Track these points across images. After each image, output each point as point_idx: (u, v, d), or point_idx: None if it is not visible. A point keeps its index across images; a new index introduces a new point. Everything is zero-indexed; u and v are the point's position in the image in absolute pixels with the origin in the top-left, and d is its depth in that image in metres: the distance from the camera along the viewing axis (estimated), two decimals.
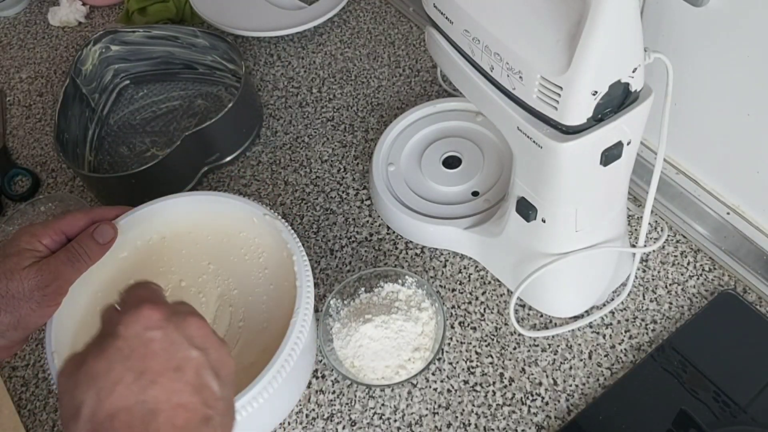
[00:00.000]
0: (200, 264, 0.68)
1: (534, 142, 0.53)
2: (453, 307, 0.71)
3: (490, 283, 0.72)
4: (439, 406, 0.65)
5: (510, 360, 0.67)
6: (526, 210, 0.60)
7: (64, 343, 0.57)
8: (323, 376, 0.67)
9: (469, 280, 0.72)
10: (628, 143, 0.54)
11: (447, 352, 0.68)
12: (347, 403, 0.66)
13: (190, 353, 0.42)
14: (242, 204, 0.63)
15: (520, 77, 0.50)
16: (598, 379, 0.65)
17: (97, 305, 0.63)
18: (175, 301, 0.45)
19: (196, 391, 0.41)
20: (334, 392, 0.67)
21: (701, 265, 0.71)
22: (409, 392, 0.66)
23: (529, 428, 0.63)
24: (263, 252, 0.65)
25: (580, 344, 0.67)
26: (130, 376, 0.40)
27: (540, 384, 0.65)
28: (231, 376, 0.45)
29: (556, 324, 0.69)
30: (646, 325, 0.68)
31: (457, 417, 0.64)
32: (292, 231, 0.61)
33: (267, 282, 0.67)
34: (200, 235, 0.67)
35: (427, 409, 0.65)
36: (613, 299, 0.69)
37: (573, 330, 0.68)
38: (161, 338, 0.41)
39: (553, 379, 0.66)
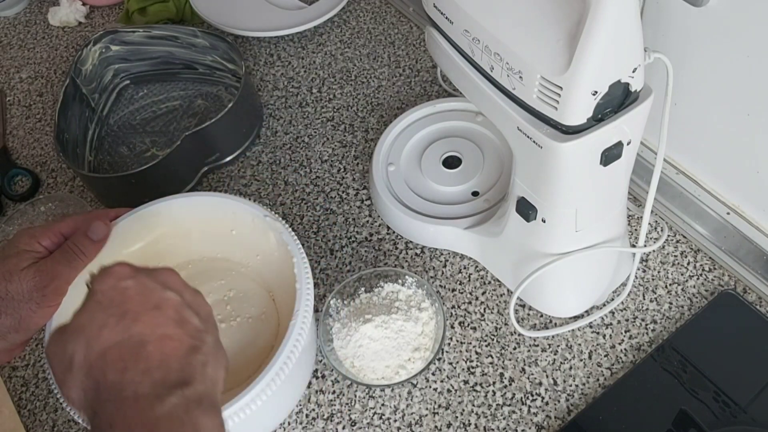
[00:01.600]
0: (200, 264, 0.68)
1: (534, 142, 0.53)
2: (453, 307, 0.71)
3: (490, 283, 0.72)
4: (439, 406, 0.65)
5: (510, 360, 0.67)
6: (526, 210, 0.60)
7: None
8: (323, 376, 0.67)
9: (469, 280, 0.72)
10: (628, 143, 0.54)
11: (447, 352, 0.68)
12: (347, 403, 0.66)
13: (166, 294, 0.44)
14: (243, 205, 0.63)
15: (520, 77, 0.50)
16: (598, 379, 0.65)
17: None
18: None
19: (179, 325, 0.43)
20: (334, 392, 0.67)
21: (701, 265, 0.71)
22: (409, 392, 0.66)
23: (529, 428, 0.63)
24: (263, 253, 0.65)
25: (580, 344, 0.67)
26: (113, 320, 0.42)
27: (540, 384, 0.65)
28: (211, 317, 0.47)
29: (556, 324, 0.69)
30: (646, 325, 0.68)
31: (457, 417, 0.64)
32: (293, 233, 0.61)
33: (267, 283, 0.67)
34: (200, 236, 0.67)
35: (427, 409, 0.65)
36: (613, 299, 0.69)
37: (573, 330, 0.68)
38: (135, 285, 0.44)
39: (553, 379, 0.66)
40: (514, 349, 0.68)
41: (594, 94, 0.48)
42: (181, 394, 0.41)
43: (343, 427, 0.65)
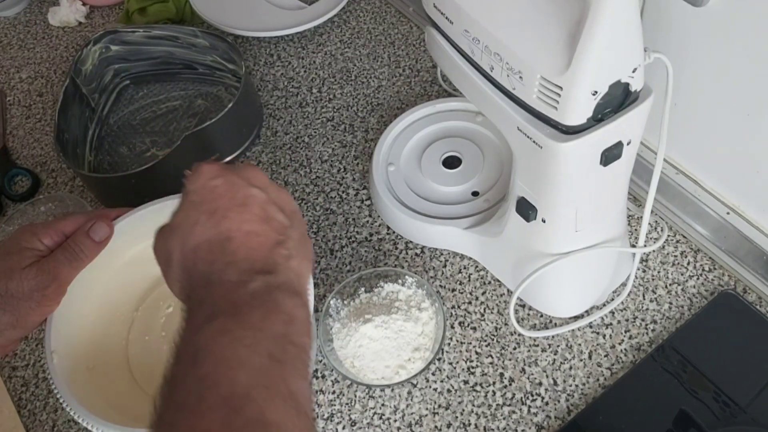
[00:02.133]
0: None
1: (534, 142, 0.53)
2: (453, 307, 0.71)
3: (490, 283, 0.72)
4: (439, 406, 0.65)
5: (510, 360, 0.67)
6: (526, 210, 0.60)
7: (63, 343, 0.57)
8: (323, 376, 0.67)
9: (469, 280, 0.72)
10: (628, 143, 0.54)
11: (447, 352, 0.68)
12: (347, 403, 0.66)
13: (251, 191, 0.47)
14: None
15: (520, 77, 0.50)
16: (598, 379, 0.65)
17: (97, 305, 0.63)
18: None
19: (264, 221, 0.46)
20: (334, 392, 0.67)
21: (701, 265, 0.71)
22: (409, 392, 0.66)
23: (529, 428, 0.63)
24: None
25: (580, 344, 0.67)
26: (203, 217, 0.45)
27: (540, 384, 0.65)
28: (296, 213, 0.50)
29: (556, 324, 0.69)
30: (646, 325, 0.68)
31: (457, 417, 0.64)
32: None
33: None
34: None
35: (427, 409, 0.65)
36: (613, 299, 0.69)
37: (573, 330, 0.68)
38: (223, 183, 0.46)
39: (553, 379, 0.66)
40: (514, 349, 0.68)
41: (594, 94, 0.48)
42: (264, 279, 0.43)
43: (343, 427, 0.65)
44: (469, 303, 0.71)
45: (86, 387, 0.57)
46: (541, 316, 0.69)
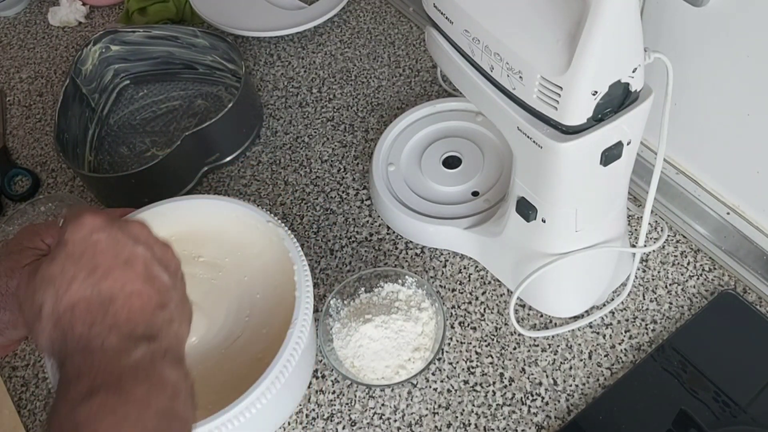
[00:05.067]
0: (201, 264, 0.68)
1: (534, 142, 0.53)
2: (453, 307, 0.71)
3: (490, 283, 0.72)
4: (439, 406, 0.65)
5: (510, 360, 0.67)
6: (526, 210, 0.60)
7: None
8: (323, 376, 0.67)
9: (469, 280, 0.72)
10: (628, 143, 0.54)
11: (447, 352, 0.68)
12: (347, 403, 0.66)
13: (136, 249, 0.45)
14: (245, 209, 0.63)
15: (520, 77, 0.50)
16: (598, 379, 0.65)
17: None
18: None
19: (148, 281, 0.44)
20: (334, 392, 0.67)
21: (701, 265, 0.71)
22: (409, 392, 0.66)
23: (529, 428, 0.63)
24: (265, 256, 0.65)
25: (580, 344, 0.67)
26: (83, 273, 0.42)
27: (540, 384, 0.65)
28: (179, 272, 0.48)
29: (556, 324, 0.69)
30: (646, 325, 0.68)
31: (457, 417, 0.64)
32: (295, 240, 0.61)
33: (267, 286, 0.67)
34: (202, 237, 0.67)
35: (427, 409, 0.65)
36: (613, 299, 0.69)
37: (573, 330, 0.68)
38: (106, 238, 0.44)
39: (553, 379, 0.66)
40: (514, 349, 0.68)
41: (594, 94, 0.48)
42: (147, 347, 0.42)
43: (343, 427, 0.65)
44: (469, 303, 0.71)
45: None
46: (541, 316, 0.69)
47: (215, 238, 0.66)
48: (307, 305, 0.57)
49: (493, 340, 0.68)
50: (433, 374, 0.67)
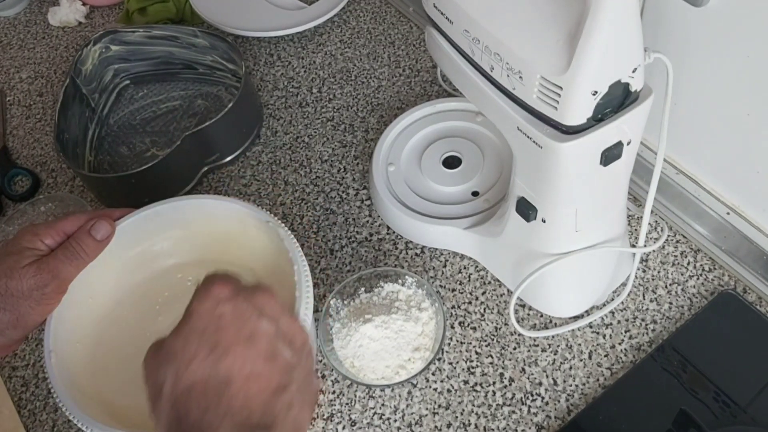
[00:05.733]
0: (202, 264, 0.68)
1: (534, 142, 0.53)
2: (453, 307, 0.71)
3: (490, 283, 0.72)
4: (439, 406, 0.65)
5: (510, 360, 0.67)
6: (526, 210, 0.60)
7: (62, 343, 0.57)
8: (323, 376, 0.67)
9: (469, 280, 0.72)
10: (628, 143, 0.54)
11: (447, 352, 0.68)
12: (347, 403, 0.66)
13: (261, 324, 0.44)
14: (245, 209, 0.63)
15: (520, 77, 0.50)
16: (598, 379, 0.65)
17: (97, 305, 0.63)
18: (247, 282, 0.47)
19: (269, 360, 0.43)
20: (334, 392, 0.67)
21: (701, 265, 0.71)
22: (409, 392, 0.66)
23: (529, 428, 0.63)
24: (264, 258, 0.65)
25: (580, 344, 0.67)
26: (204, 350, 0.42)
27: (540, 384, 0.65)
28: (305, 347, 0.46)
29: (556, 324, 0.69)
30: (646, 325, 0.68)
31: (457, 417, 0.64)
32: (295, 240, 0.61)
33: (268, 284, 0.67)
34: (201, 238, 0.67)
35: (427, 409, 0.65)
36: (613, 299, 0.69)
37: (573, 330, 0.68)
38: (231, 311, 0.43)
39: (553, 379, 0.66)
40: (514, 349, 0.68)
41: (594, 94, 0.48)
42: None
43: (343, 427, 0.65)
44: (469, 303, 0.71)
45: (85, 388, 0.57)
46: (541, 316, 0.69)
47: (215, 238, 0.66)
48: (307, 305, 0.57)
49: (493, 340, 0.68)
50: (433, 374, 0.67)
